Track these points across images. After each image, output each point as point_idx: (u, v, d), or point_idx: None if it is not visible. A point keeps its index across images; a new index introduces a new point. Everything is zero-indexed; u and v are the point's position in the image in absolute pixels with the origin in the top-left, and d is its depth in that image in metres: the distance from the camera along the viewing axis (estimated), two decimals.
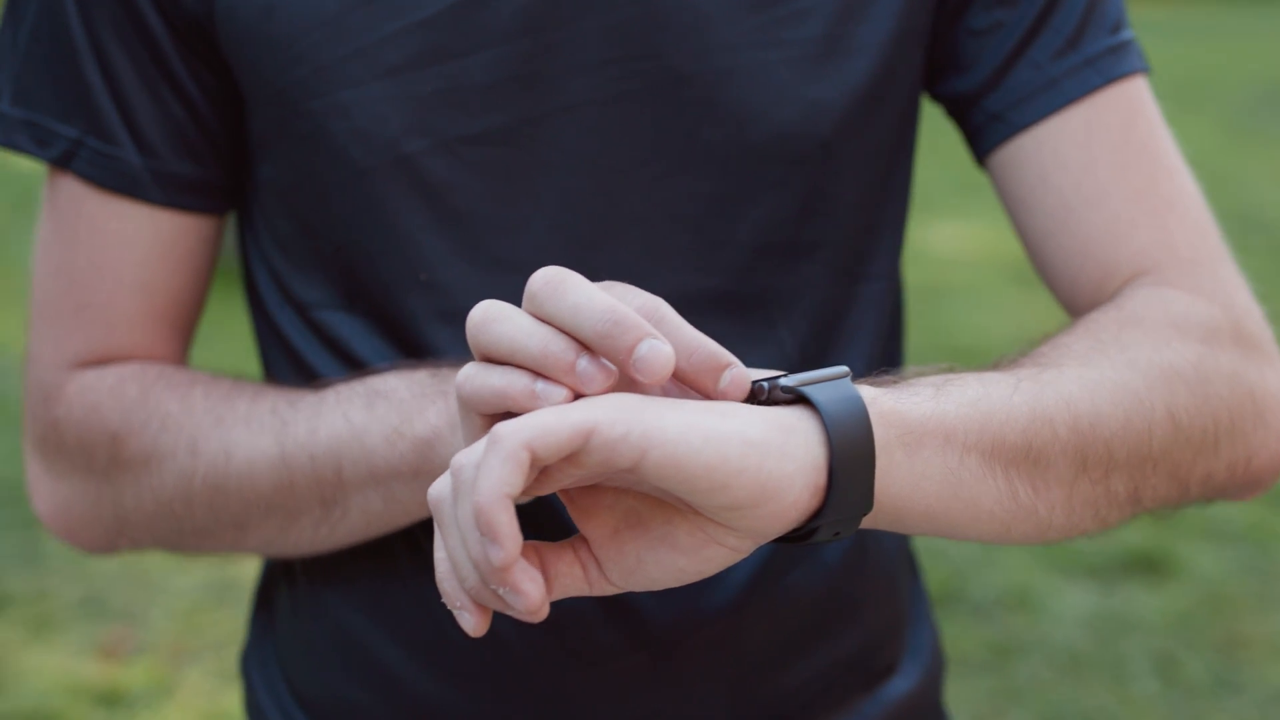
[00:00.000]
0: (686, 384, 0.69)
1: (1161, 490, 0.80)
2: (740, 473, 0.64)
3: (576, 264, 0.85)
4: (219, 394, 0.90)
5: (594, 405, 0.64)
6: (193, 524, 0.90)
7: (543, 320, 0.67)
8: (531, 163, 0.88)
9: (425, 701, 0.94)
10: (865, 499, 0.68)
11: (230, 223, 1.00)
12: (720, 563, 0.69)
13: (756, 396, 0.70)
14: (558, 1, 0.86)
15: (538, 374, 0.66)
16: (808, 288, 0.92)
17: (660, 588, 0.70)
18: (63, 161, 0.92)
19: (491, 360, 0.68)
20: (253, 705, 1.03)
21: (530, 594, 0.64)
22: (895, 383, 0.73)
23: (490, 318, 0.67)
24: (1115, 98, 0.90)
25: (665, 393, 0.71)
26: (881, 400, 0.70)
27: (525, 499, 0.71)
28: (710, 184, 0.89)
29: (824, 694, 0.97)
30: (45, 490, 0.96)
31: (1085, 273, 0.90)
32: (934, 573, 3.29)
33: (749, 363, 0.86)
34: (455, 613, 0.68)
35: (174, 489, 0.89)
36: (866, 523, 0.72)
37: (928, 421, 0.71)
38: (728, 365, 0.68)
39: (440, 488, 0.68)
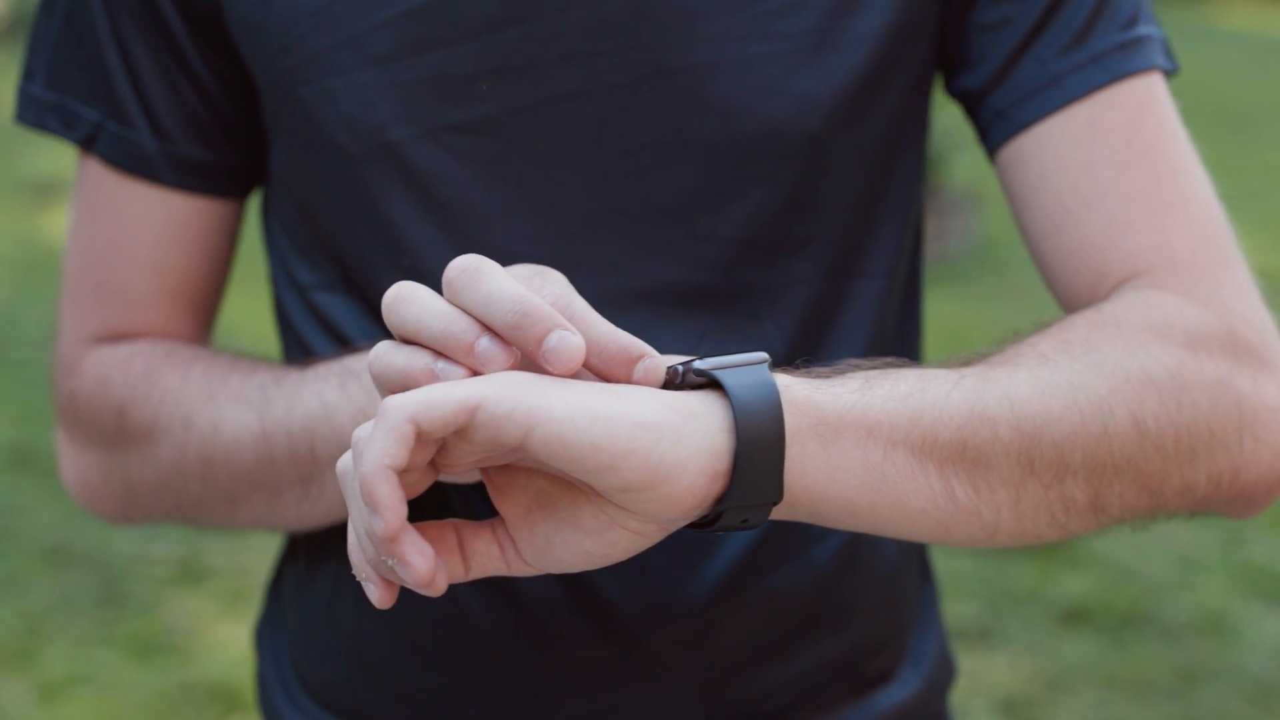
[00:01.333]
0: (600, 378, 0.69)
1: (1130, 499, 0.77)
2: (630, 454, 0.64)
3: (560, 255, 0.86)
4: (216, 370, 0.93)
5: (483, 382, 0.65)
6: (188, 497, 0.93)
7: (458, 308, 0.68)
8: (516, 153, 0.89)
9: (403, 679, 0.95)
10: (772, 488, 0.68)
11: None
12: (626, 547, 0.70)
13: (671, 380, 0.70)
14: None
15: (442, 355, 0.68)
16: (796, 284, 0.91)
17: (572, 569, 0.71)
18: (86, 143, 0.96)
19: (403, 340, 0.69)
20: (261, 678, 1.06)
21: (417, 566, 0.65)
22: (823, 373, 0.73)
23: (400, 298, 0.69)
24: (1121, 96, 0.87)
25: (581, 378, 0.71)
26: (796, 389, 0.70)
27: (452, 478, 0.73)
28: (696, 178, 0.89)
29: (807, 698, 0.95)
30: (68, 460, 1.00)
31: (1079, 275, 0.87)
32: (1123, 592, 3.20)
33: None
34: (363, 584, 0.69)
35: (170, 462, 0.92)
36: (783, 513, 0.71)
37: (848, 413, 0.70)
38: (640, 357, 0.68)
39: (344, 460, 0.69)
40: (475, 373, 0.67)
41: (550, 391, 0.65)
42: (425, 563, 0.65)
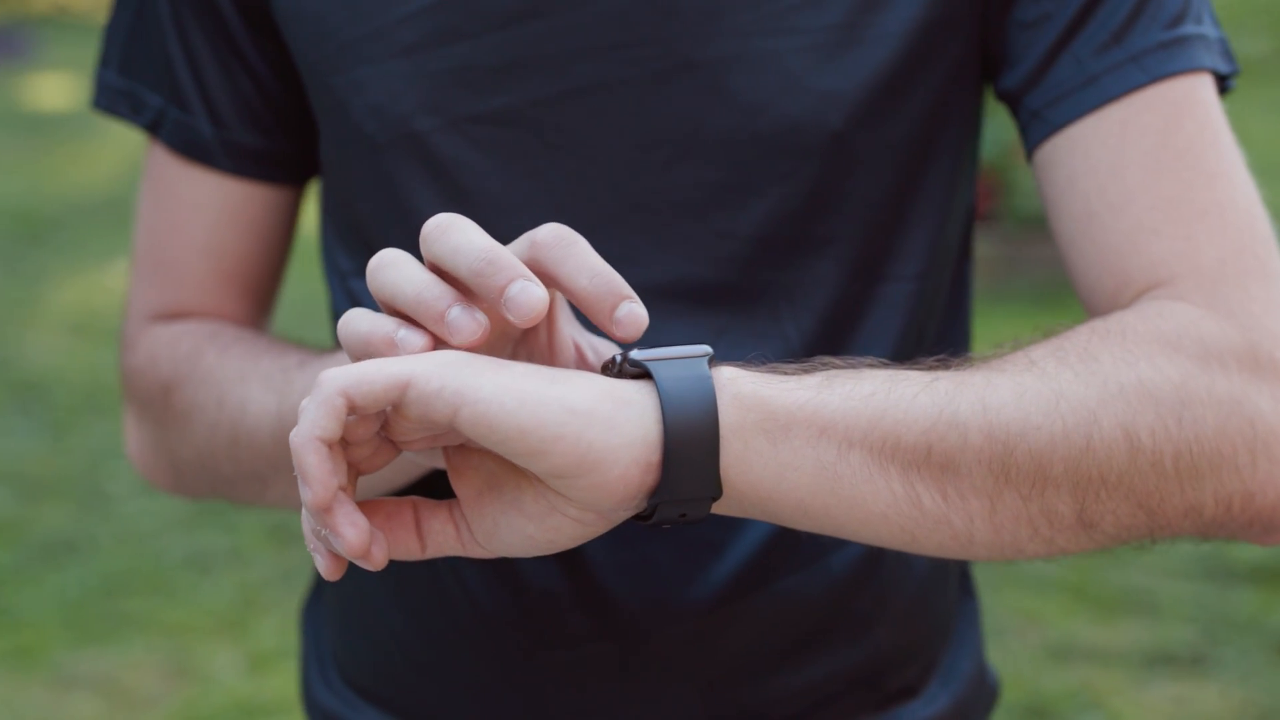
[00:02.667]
0: (586, 311, 0.68)
1: (1125, 517, 0.73)
2: (558, 439, 0.64)
3: None
4: (252, 353, 0.95)
5: (417, 359, 0.65)
6: (222, 475, 0.96)
7: (431, 262, 0.69)
8: (538, 145, 0.89)
9: (418, 666, 0.97)
10: (707, 482, 0.67)
11: None
12: (568, 534, 0.69)
13: (609, 368, 0.70)
14: None
15: (412, 322, 0.68)
16: (817, 284, 0.89)
17: (520, 554, 0.71)
18: (151, 129, 1.00)
19: (383, 305, 0.70)
20: (302, 655, 1.09)
21: (348, 537, 0.65)
22: (784, 369, 0.71)
23: (381, 264, 0.70)
24: (1159, 97, 0.83)
25: (556, 356, 0.75)
26: (743, 383, 0.68)
27: (417, 457, 0.74)
28: (716, 173, 0.88)
29: (820, 707, 0.93)
30: (129, 431, 1.04)
31: (1102, 283, 0.83)
32: None
33: (751, 357, 0.84)
34: (312, 554, 0.70)
35: (204, 440, 0.95)
36: (731, 510, 0.70)
37: (799, 410, 0.68)
38: (626, 298, 0.68)
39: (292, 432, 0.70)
40: (438, 344, 0.67)
41: (483, 372, 0.65)
42: (356, 534, 0.65)
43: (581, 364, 0.77)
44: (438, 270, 0.69)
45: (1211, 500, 0.75)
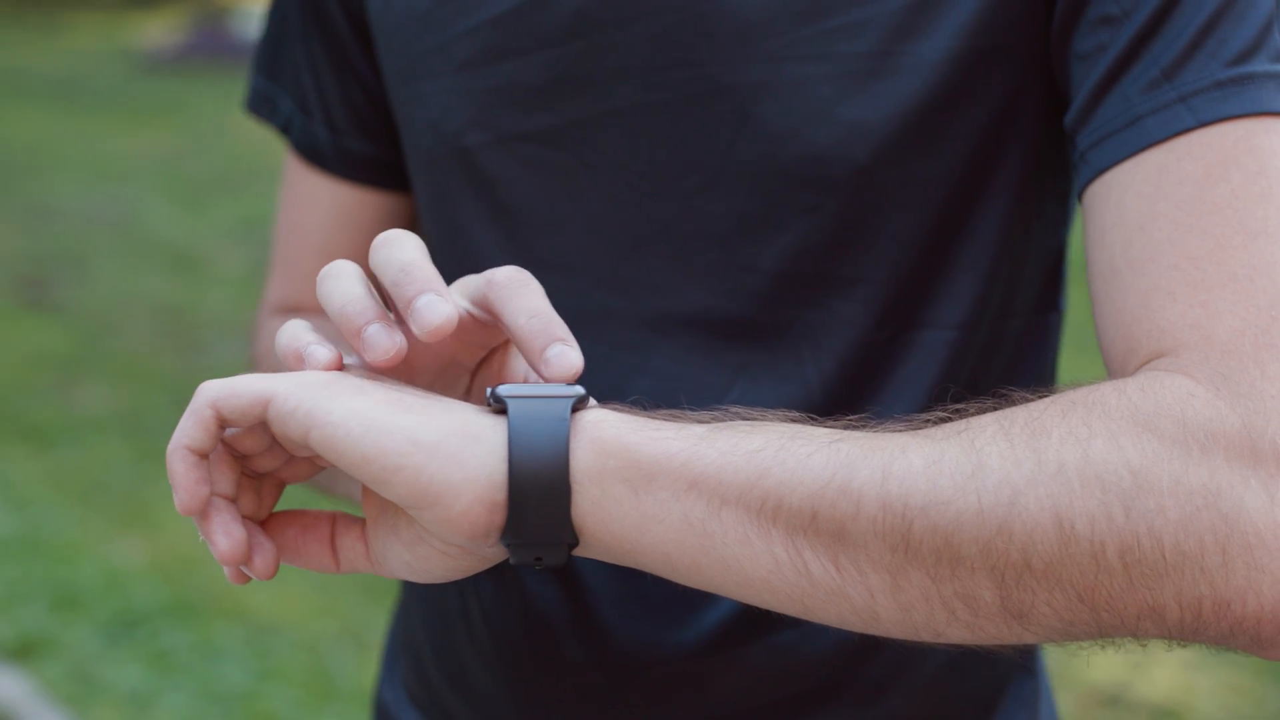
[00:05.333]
0: (521, 350, 0.69)
1: (1063, 611, 0.65)
2: (399, 470, 0.64)
3: (612, 272, 0.85)
4: None
5: (281, 378, 0.67)
6: None
7: (372, 276, 0.71)
8: (576, 164, 0.87)
9: (445, 676, 0.98)
10: (555, 527, 0.65)
11: None
12: (440, 565, 0.69)
13: (487, 401, 0.69)
14: (610, 5, 0.85)
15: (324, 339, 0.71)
16: (841, 326, 0.84)
17: (407, 578, 0.71)
18: (283, 130, 1.05)
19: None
20: (383, 648, 1.12)
21: (219, 546, 0.68)
22: (668, 415, 0.68)
23: (325, 274, 0.72)
24: (1205, 143, 0.72)
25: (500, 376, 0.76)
26: (607, 427, 0.66)
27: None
28: (742, 203, 0.84)
29: None
30: None
31: (1114, 348, 0.74)
32: None
33: (768, 399, 0.81)
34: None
35: None
36: (599, 557, 0.68)
37: (667, 461, 0.65)
38: (559, 339, 0.68)
39: None
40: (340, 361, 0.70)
41: (339, 395, 0.65)
42: (227, 543, 0.67)
43: None
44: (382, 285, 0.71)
45: (1174, 603, 0.64)
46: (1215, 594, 0.64)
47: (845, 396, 0.84)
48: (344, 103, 1.02)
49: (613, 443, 0.65)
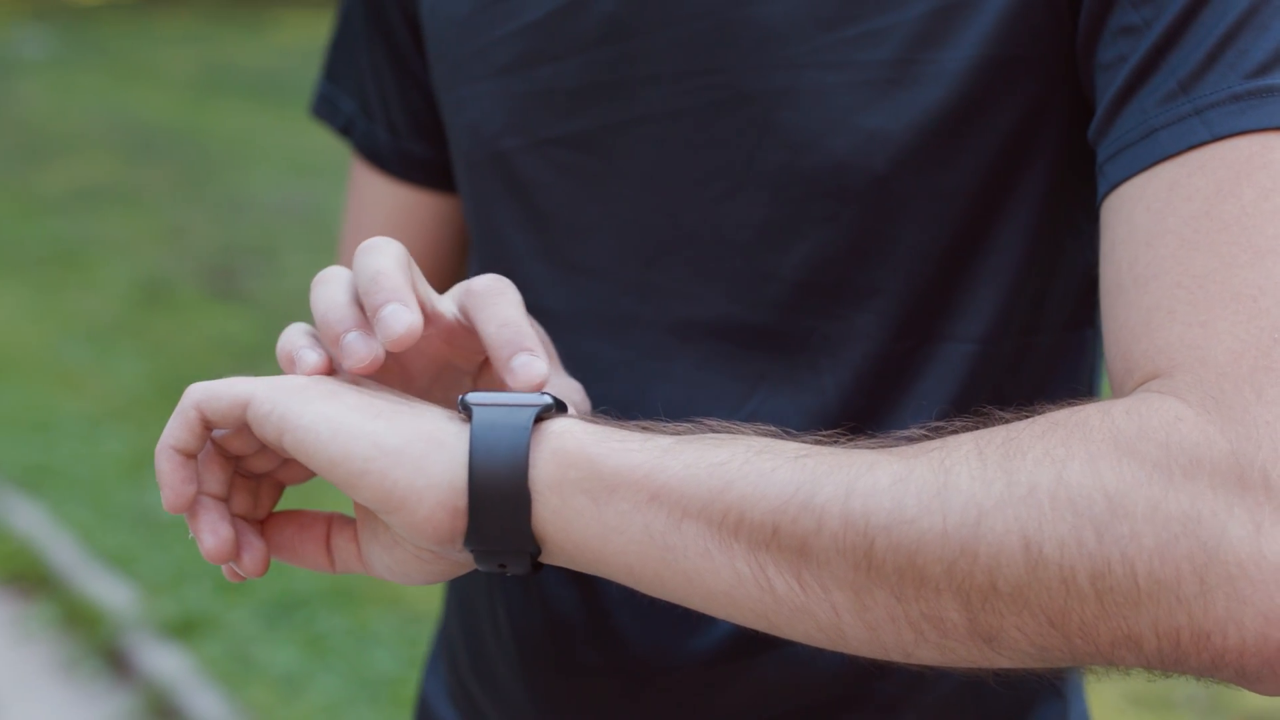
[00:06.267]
0: (491, 358, 0.71)
1: (1035, 636, 0.63)
2: (364, 474, 0.65)
3: (639, 278, 0.86)
4: None
5: (260, 381, 0.69)
6: None
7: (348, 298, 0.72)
8: (607, 170, 0.88)
9: (474, 674, 0.99)
10: (516, 534, 0.66)
11: None
12: (416, 569, 0.71)
13: (458, 408, 0.70)
14: (641, 11, 0.85)
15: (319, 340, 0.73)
16: (858, 338, 0.83)
17: (389, 579, 0.72)
18: (344, 132, 1.08)
19: None
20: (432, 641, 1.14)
21: (205, 543, 0.71)
22: (634, 426, 0.68)
23: (317, 280, 0.73)
24: (1217, 157, 0.69)
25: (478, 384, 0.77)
26: (570, 438, 0.66)
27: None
28: (763, 211, 0.83)
29: None
30: None
31: (1115, 366, 0.71)
32: None
33: (786, 408, 0.81)
34: None
35: None
36: (564, 565, 0.69)
37: (630, 472, 0.65)
38: (526, 349, 0.70)
39: None
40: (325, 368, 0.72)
41: (312, 400, 0.67)
42: (213, 541, 0.70)
43: None
44: None
45: (1151, 632, 0.62)
46: (1193, 625, 0.61)
47: (863, 408, 0.83)
48: (403, 106, 1.03)
49: (575, 453, 0.66)
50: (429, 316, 0.73)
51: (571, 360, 0.88)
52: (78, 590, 3.60)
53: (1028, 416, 0.66)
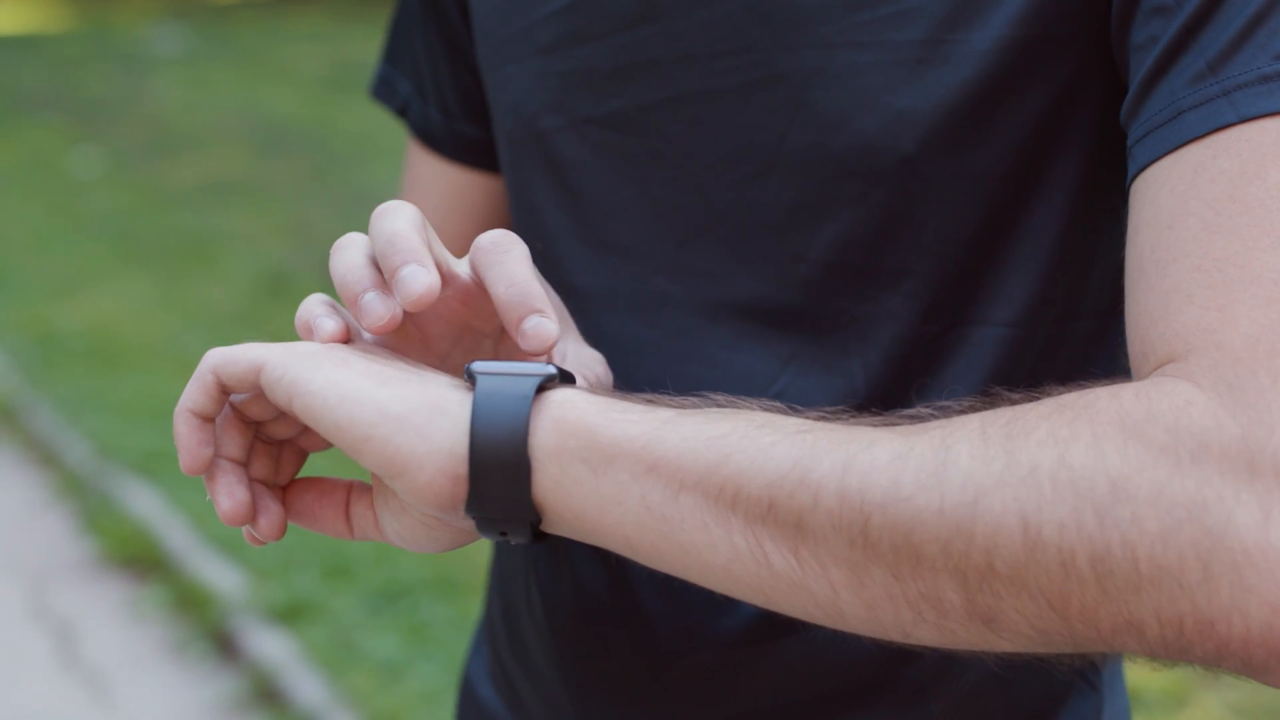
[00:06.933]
0: (503, 320, 0.72)
1: (1034, 619, 0.62)
2: (368, 440, 0.66)
3: (671, 258, 0.86)
4: None
5: (274, 347, 0.70)
6: None
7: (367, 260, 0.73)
8: (641, 150, 0.88)
9: (512, 653, 1.00)
10: (516, 503, 0.67)
11: None
12: (423, 536, 0.72)
13: (464, 376, 0.70)
14: None
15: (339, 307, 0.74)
16: (887, 319, 0.82)
17: (402, 546, 0.73)
18: (401, 113, 1.09)
19: None
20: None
21: (221, 506, 0.72)
22: (636, 398, 0.68)
23: (336, 246, 0.74)
24: (1243, 139, 0.67)
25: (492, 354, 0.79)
26: (571, 408, 0.67)
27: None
28: (793, 192, 0.83)
29: None
30: None
31: (1132, 350, 0.70)
32: None
33: (814, 390, 0.81)
34: None
35: None
36: (566, 534, 0.69)
37: (628, 443, 0.65)
38: (536, 310, 0.70)
39: None
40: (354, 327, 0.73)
41: (323, 365, 0.68)
42: (229, 504, 0.72)
43: None
44: None
45: (1153, 619, 0.60)
46: (1197, 612, 0.59)
47: (891, 391, 0.82)
48: (455, 87, 1.05)
49: (575, 423, 0.66)
50: (445, 278, 0.73)
51: (602, 339, 0.88)
52: (190, 574, 3.68)
53: (1036, 398, 0.65)
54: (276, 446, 0.76)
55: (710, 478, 0.64)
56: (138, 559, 3.86)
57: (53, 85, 10.45)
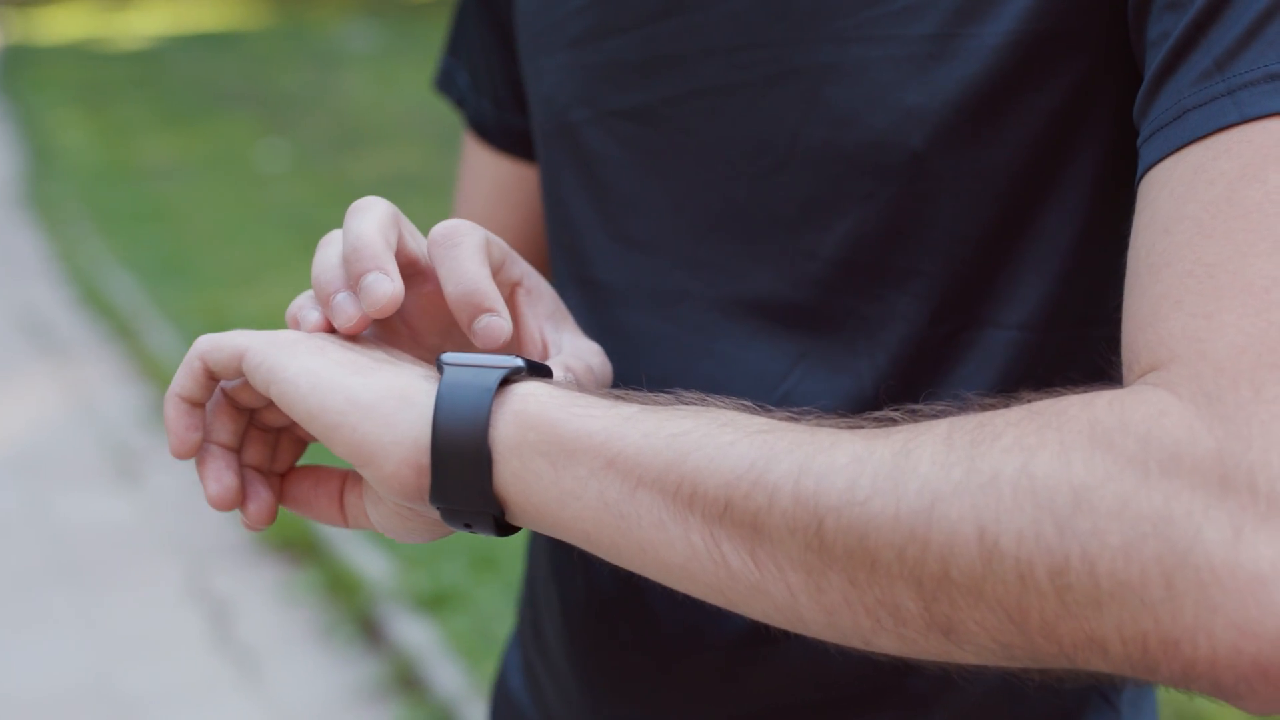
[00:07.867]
0: (456, 318, 0.73)
1: (994, 631, 0.59)
2: (337, 427, 0.67)
3: (690, 253, 0.87)
4: None
5: (256, 334, 0.71)
6: None
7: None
8: (664, 144, 0.87)
9: (536, 647, 1.00)
10: (476, 495, 0.66)
11: None
12: (399, 525, 0.72)
13: (436, 367, 0.71)
14: None
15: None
16: (896, 320, 0.80)
17: (385, 534, 0.74)
18: (458, 105, 1.10)
19: None
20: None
21: (209, 491, 0.73)
22: (604, 394, 0.68)
23: (320, 243, 0.76)
24: (1245, 140, 0.63)
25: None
26: (533, 401, 0.66)
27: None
28: (806, 188, 0.81)
29: None
30: None
31: (1124, 358, 0.66)
32: None
33: (820, 390, 0.79)
34: None
35: None
36: (530, 527, 0.69)
37: (588, 438, 0.65)
38: (486, 310, 0.71)
39: None
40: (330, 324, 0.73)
41: (299, 353, 0.69)
42: (216, 489, 0.73)
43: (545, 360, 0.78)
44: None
45: (1116, 636, 0.57)
46: (1161, 631, 0.56)
47: (899, 392, 0.80)
48: (506, 79, 1.05)
49: (536, 416, 0.66)
50: (424, 273, 0.74)
51: (619, 334, 0.88)
52: (341, 559, 3.75)
53: (1008, 404, 0.63)
54: (273, 434, 0.77)
55: (667, 475, 0.63)
56: (293, 543, 3.95)
57: (247, 80, 10.76)
